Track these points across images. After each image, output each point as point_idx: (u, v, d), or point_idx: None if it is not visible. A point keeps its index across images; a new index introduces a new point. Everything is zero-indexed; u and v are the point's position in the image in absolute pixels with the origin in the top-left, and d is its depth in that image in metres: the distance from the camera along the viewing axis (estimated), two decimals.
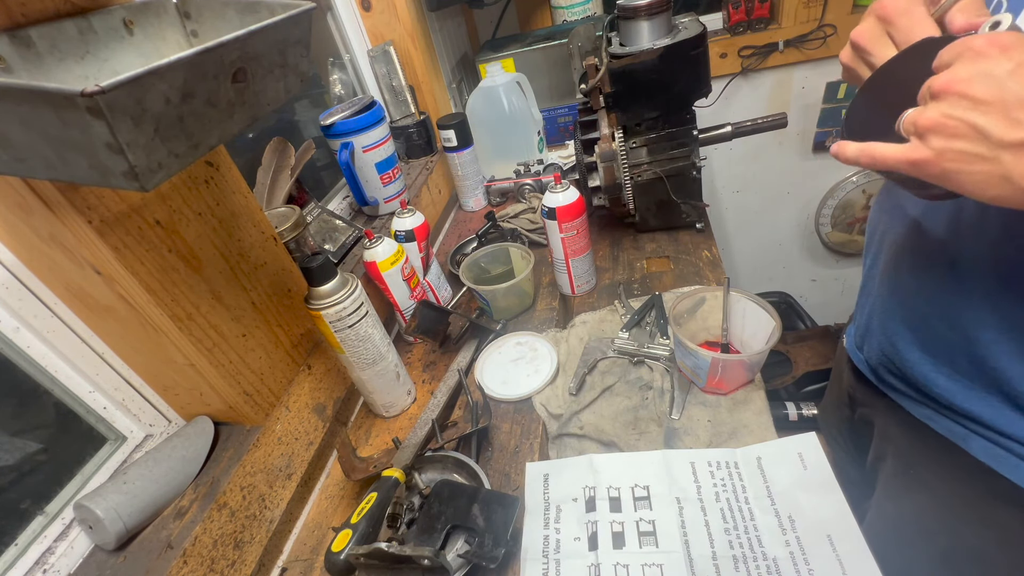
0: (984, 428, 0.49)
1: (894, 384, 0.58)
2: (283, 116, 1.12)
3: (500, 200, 1.27)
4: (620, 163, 0.90)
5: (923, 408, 0.55)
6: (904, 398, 0.57)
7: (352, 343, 0.66)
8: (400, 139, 1.24)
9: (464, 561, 0.53)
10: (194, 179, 0.55)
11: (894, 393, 0.59)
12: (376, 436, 0.75)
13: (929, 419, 0.55)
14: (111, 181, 0.34)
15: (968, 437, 0.51)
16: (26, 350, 0.54)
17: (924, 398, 0.55)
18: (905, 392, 0.57)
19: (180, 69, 0.34)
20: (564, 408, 0.71)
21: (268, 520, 0.62)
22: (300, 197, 0.91)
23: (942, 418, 0.53)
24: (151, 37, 0.48)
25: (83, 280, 0.51)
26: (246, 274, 0.62)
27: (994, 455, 0.49)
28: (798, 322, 1.89)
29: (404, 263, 0.82)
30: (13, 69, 0.40)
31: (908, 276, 0.53)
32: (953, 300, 0.49)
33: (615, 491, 0.59)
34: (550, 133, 1.48)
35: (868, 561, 0.48)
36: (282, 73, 0.45)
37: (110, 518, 0.51)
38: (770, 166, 1.84)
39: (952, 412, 0.52)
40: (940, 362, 0.51)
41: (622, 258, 0.98)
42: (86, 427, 0.59)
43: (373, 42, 1.24)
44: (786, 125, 0.90)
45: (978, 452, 0.50)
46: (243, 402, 0.61)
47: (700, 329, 0.74)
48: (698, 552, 0.52)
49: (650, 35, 0.84)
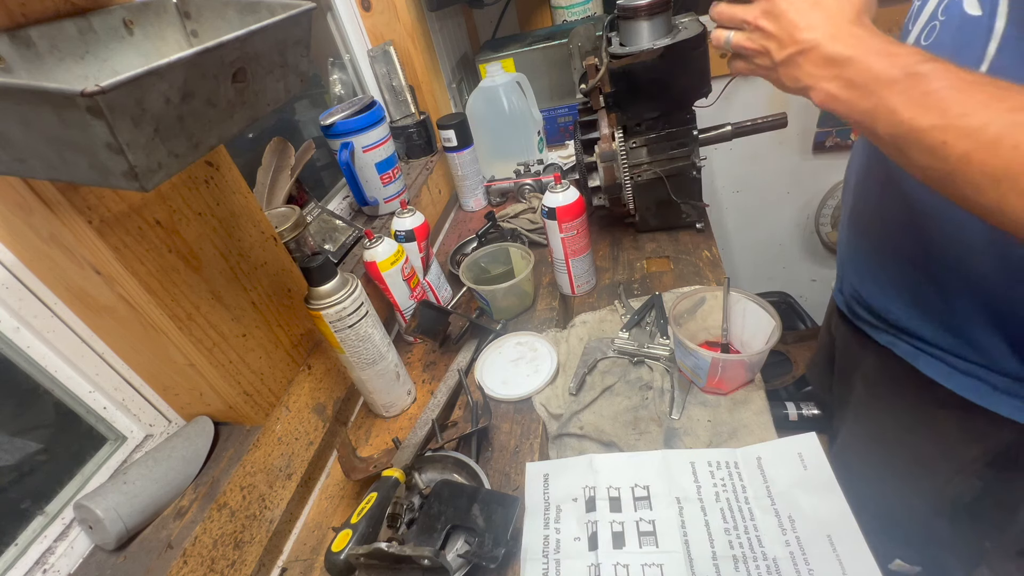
0: (928, 346, 0.60)
1: (863, 315, 0.70)
2: (283, 116, 1.12)
3: (500, 200, 1.27)
4: (620, 163, 0.90)
5: (885, 335, 0.66)
6: (871, 328, 0.69)
7: (352, 343, 0.66)
8: (400, 139, 1.24)
9: (464, 561, 0.53)
10: (194, 179, 0.55)
11: (863, 324, 0.70)
12: (376, 436, 0.75)
13: (891, 344, 0.65)
14: (111, 181, 0.34)
15: (917, 356, 0.61)
16: (26, 350, 0.54)
17: (886, 325, 0.66)
18: (871, 323, 0.68)
19: (180, 69, 0.34)
20: (564, 408, 0.71)
21: (268, 520, 0.62)
22: (300, 197, 0.91)
23: (900, 342, 0.64)
24: (151, 37, 0.48)
25: (83, 280, 0.51)
26: (246, 274, 0.62)
27: (936, 368, 0.59)
28: (798, 322, 1.89)
29: (404, 263, 0.82)
30: (13, 69, 0.40)
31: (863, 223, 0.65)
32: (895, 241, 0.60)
33: (615, 491, 0.59)
34: (550, 133, 1.48)
35: (868, 561, 0.48)
36: (282, 73, 0.45)
37: (110, 518, 0.51)
38: (770, 166, 1.84)
39: (906, 335, 0.63)
40: (893, 294, 0.63)
41: (622, 258, 0.98)
42: (86, 427, 0.59)
43: (373, 42, 1.24)
44: (786, 125, 0.90)
45: (924, 367, 0.61)
46: (243, 402, 0.61)
47: (700, 329, 0.74)
48: (698, 552, 0.52)
49: (650, 35, 0.84)
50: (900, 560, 0.74)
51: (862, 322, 0.69)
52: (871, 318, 0.67)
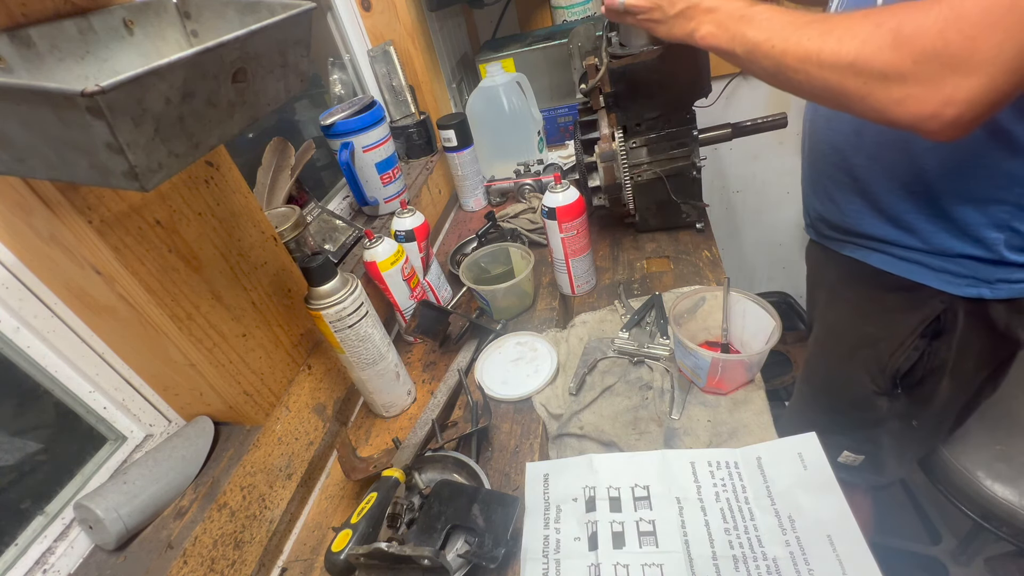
0: (878, 242, 0.72)
1: (826, 233, 0.81)
2: (283, 116, 1.12)
3: (500, 200, 1.27)
4: (620, 163, 0.90)
5: (845, 244, 0.77)
6: (832, 241, 0.80)
7: (352, 343, 0.66)
8: (400, 139, 1.24)
9: (464, 561, 0.53)
10: (194, 179, 0.56)
11: (827, 240, 0.81)
12: (376, 436, 0.75)
13: (848, 251, 0.77)
14: (111, 181, 0.34)
15: (869, 254, 0.74)
16: (26, 350, 0.54)
17: (843, 234, 0.77)
18: (833, 237, 0.79)
19: (180, 69, 0.34)
20: (564, 408, 0.71)
21: (268, 520, 0.62)
22: (300, 197, 0.91)
23: (854, 246, 0.76)
24: (151, 37, 0.48)
25: (83, 280, 0.51)
26: (246, 274, 0.62)
27: (885, 261, 0.72)
28: (798, 322, 1.89)
29: (404, 263, 0.82)
30: (13, 69, 0.40)
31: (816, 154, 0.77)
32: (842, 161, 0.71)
33: (615, 491, 0.59)
34: (550, 133, 1.48)
35: (868, 561, 0.48)
36: (282, 73, 0.45)
37: (110, 518, 0.51)
38: (770, 166, 1.84)
39: (859, 237, 0.74)
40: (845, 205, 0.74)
41: (622, 258, 0.98)
42: (86, 427, 0.59)
43: (373, 42, 1.24)
44: (786, 125, 0.90)
45: (876, 262, 0.73)
46: (243, 402, 0.61)
47: (700, 329, 0.74)
48: (698, 552, 0.52)
49: (650, 35, 0.84)
50: (847, 452, 0.88)
51: (826, 239, 0.82)
52: (832, 232, 0.79)
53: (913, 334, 0.72)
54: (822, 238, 0.83)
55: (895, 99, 0.48)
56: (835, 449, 0.88)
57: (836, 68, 0.51)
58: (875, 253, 0.73)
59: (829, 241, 0.81)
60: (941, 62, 0.44)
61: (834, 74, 0.51)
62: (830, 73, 0.51)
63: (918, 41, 0.45)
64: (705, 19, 0.65)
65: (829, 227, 0.79)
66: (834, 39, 0.51)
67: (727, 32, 0.62)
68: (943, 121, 0.46)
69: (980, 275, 0.64)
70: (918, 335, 0.72)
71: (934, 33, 0.44)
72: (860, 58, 0.49)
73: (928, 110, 0.46)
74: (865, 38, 0.48)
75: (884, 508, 1.12)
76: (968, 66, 0.43)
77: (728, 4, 0.63)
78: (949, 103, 0.45)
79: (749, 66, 0.61)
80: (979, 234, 0.62)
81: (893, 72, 0.47)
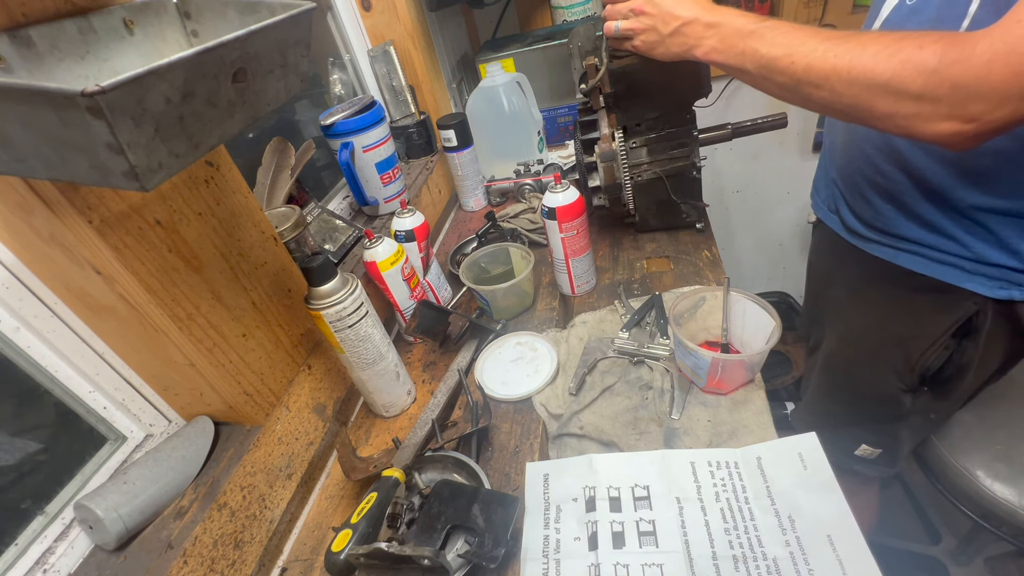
0: (908, 243, 0.71)
1: (858, 231, 0.78)
2: (283, 116, 1.12)
3: (500, 200, 1.27)
4: (620, 163, 0.90)
5: (873, 244, 0.76)
6: (860, 240, 0.78)
7: (352, 343, 0.66)
8: (400, 139, 1.24)
9: (464, 561, 0.53)
10: (194, 179, 0.56)
11: (855, 238, 0.79)
12: (376, 436, 0.75)
13: (877, 251, 0.75)
14: (111, 181, 0.34)
15: (897, 255, 0.72)
16: (26, 350, 0.54)
17: (877, 233, 0.75)
18: (863, 235, 0.77)
19: (180, 69, 0.34)
20: (564, 408, 0.71)
21: (268, 520, 0.62)
22: (300, 197, 0.91)
23: (882, 246, 0.74)
24: (151, 37, 0.48)
25: (83, 280, 0.51)
26: (246, 274, 0.62)
27: (915, 262, 0.70)
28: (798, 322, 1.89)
29: (404, 263, 0.82)
30: (13, 69, 0.40)
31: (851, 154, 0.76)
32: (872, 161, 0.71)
33: (615, 491, 0.59)
34: (550, 133, 1.48)
35: (868, 561, 0.48)
36: (282, 73, 0.45)
37: (110, 518, 0.51)
38: (770, 166, 1.84)
39: (888, 236, 0.73)
40: (881, 206, 0.72)
41: (622, 258, 0.98)
42: (86, 427, 0.59)
43: (373, 42, 1.24)
44: (786, 125, 0.90)
45: (904, 263, 0.72)
46: (243, 402, 0.61)
47: (700, 329, 0.74)
48: (698, 552, 0.52)
49: None
50: (866, 445, 0.88)
51: (855, 236, 0.80)
52: (864, 230, 0.77)
53: (945, 334, 0.72)
54: (851, 235, 0.81)
55: (923, 118, 0.49)
56: (853, 442, 0.89)
57: (868, 86, 0.51)
58: (905, 254, 0.72)
59: (859, 239, 0.80)
60: (977, 91, 0.45)
61: (864, 91, 0.52)
62: (860, 90, 0.52)
63: (960, 68, 0.46)
64: (707, 35, 0.65)
65: (864, 225, 0.78)
66: (868, 56, 0.51)
67: (733, 48, 0.62)
68: (964, 137, 0.49)
69: (1012, 279, 0.65)
70: (949, 335, 0.72)
71: (979, 64, 0.45)
72: (896, 78, 0.49)
73: (953, 129, 0.48)
74: (905, 59, 0.49)
75: (884, 508, 1.12)
76: (1004, 98, 0.45)
77: (732, 19, 0.63)
78: (973, 123, 0.47)
79: (760, 82, 0.62)
80: (1017, 247, 0.63)
81: (928, 95, 0.48)
